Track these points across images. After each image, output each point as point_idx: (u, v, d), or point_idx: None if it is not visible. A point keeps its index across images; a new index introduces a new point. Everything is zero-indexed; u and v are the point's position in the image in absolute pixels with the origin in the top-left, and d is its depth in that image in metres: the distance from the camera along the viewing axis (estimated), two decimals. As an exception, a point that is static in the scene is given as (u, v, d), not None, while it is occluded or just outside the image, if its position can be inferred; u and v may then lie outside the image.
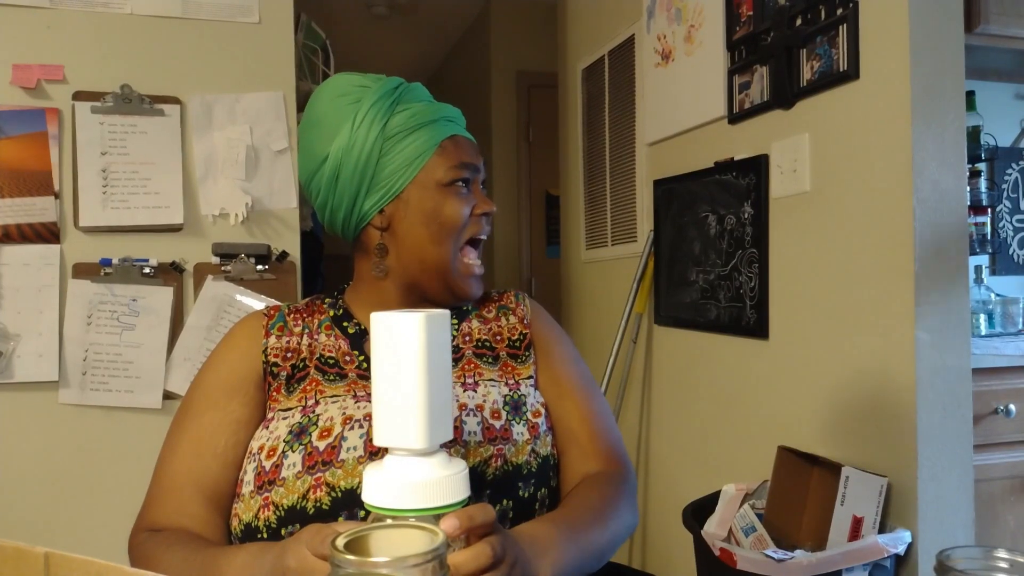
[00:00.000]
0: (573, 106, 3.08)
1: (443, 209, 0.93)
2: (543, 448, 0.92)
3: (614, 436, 1.00)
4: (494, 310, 1.04)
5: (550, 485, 0.91)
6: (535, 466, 0.89)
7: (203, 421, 0.91)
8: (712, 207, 2.08)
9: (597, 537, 0.84)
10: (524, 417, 0.92)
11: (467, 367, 0.96)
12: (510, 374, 0.97)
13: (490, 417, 0.90)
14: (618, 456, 0.98)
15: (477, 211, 0.96)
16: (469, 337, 0.99)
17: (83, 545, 1.91)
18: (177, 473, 0.89)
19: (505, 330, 1.01)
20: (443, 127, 0.95)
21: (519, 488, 0.88)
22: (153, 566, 0.79)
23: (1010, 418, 1.61)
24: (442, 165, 0.93)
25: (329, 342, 0.95)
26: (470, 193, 0.96)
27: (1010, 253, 2.26)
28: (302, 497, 0.81)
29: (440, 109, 0.96)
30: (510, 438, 0.89)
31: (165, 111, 1.98)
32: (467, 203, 0.95)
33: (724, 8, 2.00)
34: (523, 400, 0.94)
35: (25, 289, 1.89)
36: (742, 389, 1.99)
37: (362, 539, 0.48)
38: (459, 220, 0.94)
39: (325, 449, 0.83)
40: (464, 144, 0.97)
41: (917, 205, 1.47)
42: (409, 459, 0.58)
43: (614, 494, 0.91)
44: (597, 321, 2.87)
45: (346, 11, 4.15)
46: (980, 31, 1.66)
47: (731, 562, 1.45)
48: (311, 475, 0.82)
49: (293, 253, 2.08)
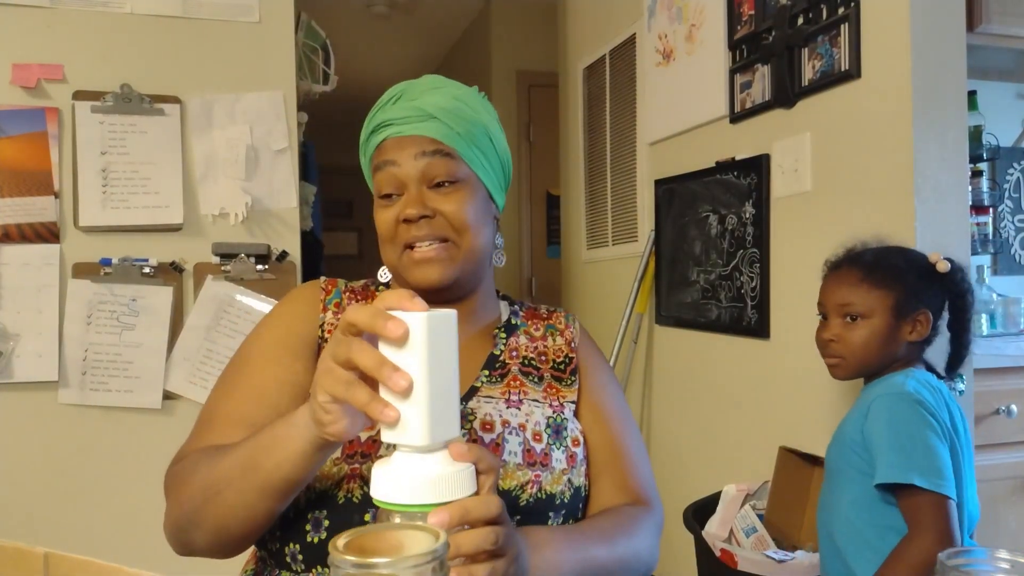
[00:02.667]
0: (574, 106, 3.07)
1: (376, 223, 0.92)
2: (577, 478, 0.89)
3: (645, 471, 0.97)
4: (542, 328, 1.01)
5: (577, 517, 0.89)
6: (568, 496, 0.87)
7: (267, 374, 0.87)
8: (713, 207, 2.08)
9: (600, 554, 0.82)
10: (564, 444, 0.90)
11: (512, 383, 0.93)
12: (554, 395, 0.94)
13: (531, 439, 0.88)
14: (647, 491, 0.95)
15: (400, 217, 0.89)
16: (516, 353, 0.96)
17: (83, 545, 1.91)
18: (232, 412, 0.85)
19: (551, 351, 0.98)
20: (377, 135, 0.91)
21: (550, 518, 0.85)
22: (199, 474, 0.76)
23: (1011, 418, 1.60)
24: (373, 175, 0.92)
25: None
26: (399, 199, 0.90)
27: (1012, 253, 2.25)
28: (335, 485, 0.80)
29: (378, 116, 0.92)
30: (548, 464, 0.87)
31: (165, 111, 1.98)
32: (392, 209, 0.90)
33: (725, 7, 1.99)
34: (564, 425, 0.91)
35: (25, 289, 1.89)
36: (743, 389, 1.99)
37: (362, 539, 0.48)
38: (383, 230, 0.90)
39: (367, 441, 0.82)
40: (387, 146, 0.90)
41: (918, 205, 1.47)
42: (414, 456, 0.59)
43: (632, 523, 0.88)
44: (598, 321, 2.87)
45: (346, 11, 4.15)
46: (981, 31, 1.66)
47: (732, 563, 1.45)
48: (348, 464, 0.81)
49: (293, 253, 2.07)
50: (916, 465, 1.14)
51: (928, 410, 1.18)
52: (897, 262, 1.30)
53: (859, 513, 1.22)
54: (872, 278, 1.28)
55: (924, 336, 1.27)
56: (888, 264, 1.29)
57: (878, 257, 1.31)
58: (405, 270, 0.90)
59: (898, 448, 1.16)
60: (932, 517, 1.12)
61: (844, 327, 1.29)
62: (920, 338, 1.27)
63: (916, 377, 1.24)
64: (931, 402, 1.19)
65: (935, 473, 1.13)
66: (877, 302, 1.27)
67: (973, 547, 1.16)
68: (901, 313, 1.27)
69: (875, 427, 1.20)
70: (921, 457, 1.14)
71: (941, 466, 1.14)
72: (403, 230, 0.89)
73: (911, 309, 1.27)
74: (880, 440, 1.18)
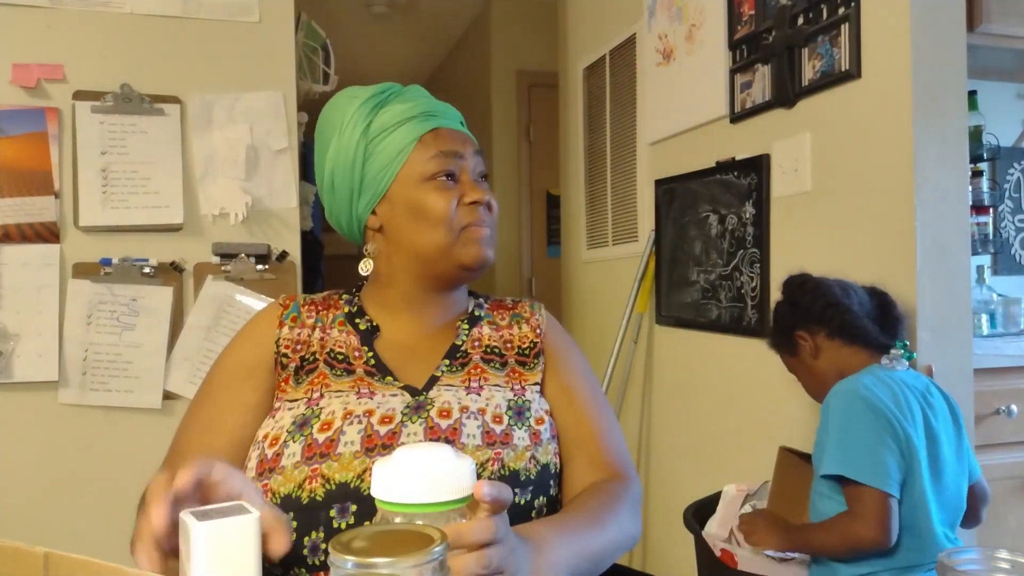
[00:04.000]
0: (574, 106, 3.07)
1: (426, 203, 0.93)
2: (544, 456, 0.91)
3: (620, 446, 1.00)
4: (507, 317, 1.03)
5: (549, 494, 0.90)
6: (534, 473, 0.88)
7: (217, 400, 0.93)
8: (713, 207, 2.08)
9: (593, 541, 0.83)
10: (527, 423, 0.92)
11: (473, 371, 0.95)
12: (516, 379, 0.97)
13: (491, 421, 0.89)
14: (623, 466, 0.97)
15: (466, 200, 0.93)
16: (479, 343, 0.99)
17: (83, 545, 1.91)
18: (186, 449, 0.91)
19: (516, 338, 1.01)
20: (423, 122, 0.94)
21: (516, 494, 0.86)
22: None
23: (1012, 418, 1.60)
24: (421, 159, 0.93)
25: (341, 337, 0.96)
26: (457, 184, 0.94)
27: (1012, 253, 2.25)
28: (298, 487, 0.82)
29: (422, 105, 0.95)
30: (510, 443, 0.88)
31: (165, 110, 1.98)
32: (453, 194, 0.93)
33: (725, 7, 1.99)
34: (527, 406, 0.93)
35: (25, 289, 1.89)
36: (743, 389, 1.99)
37: (362, 539, 0.47)
38: (444, 212, 0.92)
39: (324, 442, 0.84)
40: (446, 134, 0.95)
41: (919, 205, 1.47)
42: (415, 452, 0.58)
43: (614, 502, 0.90)
44: (598, 321, 2.87)
45: (346, 10, 4.15)
46: (982, 30, 1.66)
47: (732, 563, 1.45)
48: (308, 466, 0.82)
49: (293, 253, 2.08)
50: (855, 461, 1.22)
51: (874, 406, 1.24)
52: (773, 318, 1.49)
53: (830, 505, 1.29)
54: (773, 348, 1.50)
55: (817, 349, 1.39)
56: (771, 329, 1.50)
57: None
58: (462, 247, 0.94)
59: (841, 444, 1.25)
60: (870, 507, 1.20)
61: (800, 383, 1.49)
62: (814, 353, 1.40)
63: (874, 373, 1.31)
64: (883, 396, 1.25)
65: (874, 470, 1.20)
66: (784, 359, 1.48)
67: (973, 547, 1.17)
68: (788, 350, 1.45)
69: (826, 422, 1.29)
70: (860, 453, 1.22)
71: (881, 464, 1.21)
72: (465, 212, 0.94)
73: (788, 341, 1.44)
74: (827, 435, 1.28)
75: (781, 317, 1.46)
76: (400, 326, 0.98)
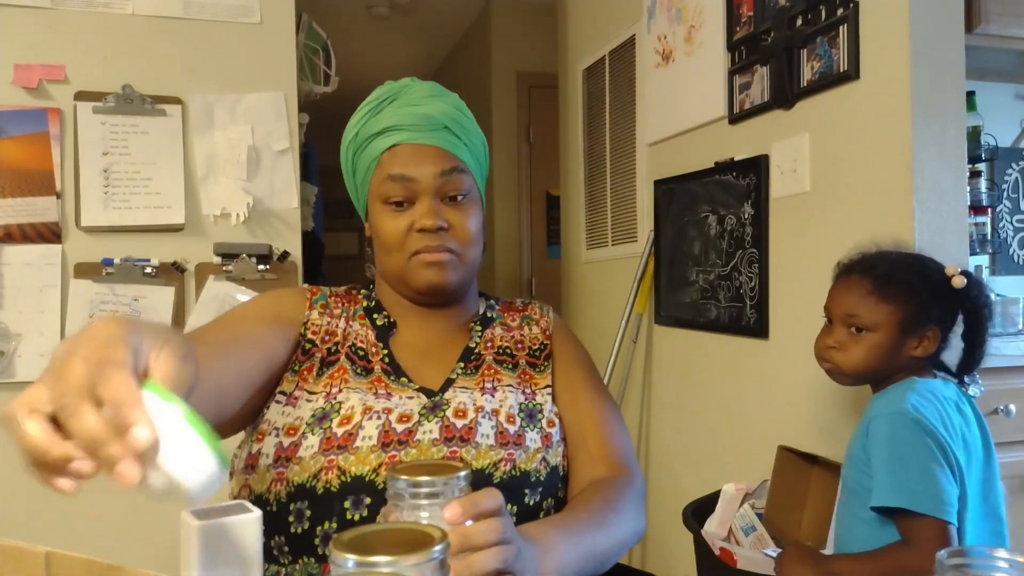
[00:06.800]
0: (573, 106, 3.08)
1: (379, 227, 0.94)
2: (554, 458, 0.92)
3: (623, 443, 1.00)
4: (518, 319, 1.05)
5: (557, 496, 0.91)
6: (544, 475, 0.89)
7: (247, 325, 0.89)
8: (712, 207, 2.09)
9: (599, 541, 0.83)
10: (538, 425, 0.93)
11: (487, 372, 0.96)
12: (527, 382, 0.98)
13: (505, 421, 0.90)
14: (626, 462, 0.98)
15: (416, 226, 0.91)
16: (492, 343, 1.00)
17: (83, 545, 1.91)
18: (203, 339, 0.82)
19: (527, 339, 1.02)
20: (385, 138, 0.92)
21: (526, 495, 0.87)
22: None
23: (1010, 418, 1.60)
24: (378, 179, 0.93)
25: (361, 331, 0.97)
26: (412, 207, 0.92)
27: (1010, 253, 2.25)
28: (313, 476, 0.82)
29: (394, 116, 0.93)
30: (522, 444, 0.89)
31: (166, 111, 1.99)
32: (404, 219, 0.92)
33: (724, 8, 2.00)
34: (538, 409, 0.94)
35: (27, 289, 1.89)
36: (742, 389, 1.99)
37: (363, 539, 0.48)
38: (392, 237, 0.92)
39: (343, 435, 0.85)
40: (404, 154, 0.92)
41: (917, 205, 1.47)
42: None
43: (618, 499, 0.90)
44: (597, 321, 2.87)
45: (347, 11, 4.15)
46: (980, 31, 1.66)
47: (731, 562, 1.45)
48: (325, 457, 0.83)
49: (294, 253, 2.08)
50: (912, 489, 1.11)
51: (927, 429, 1.14)
52: (910, 276, 1.24)
53: (871, 531, 1.18)
54: (882, 291, 1.22)
55: (930, 352, 1.23)
56: (900, 278, 1.23)
57: (891, 269, 1.26)
58: (412, 272, 0.93)
59: (893, 472, 1.13)
60: (931, 539, 1.09)
61: (848, 337, 1.25)
62: (926, 354, 1.23)
63: (918, 389, 1.19)
64: (932, 417, 1.15)
65: (933, 498, 1.10)
66: (885, 317, 1.21)
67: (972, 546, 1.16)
68: (908, 329, 1.22)
69: (874, 448, 1.17)
70: (918, 482, 1.11)
71: (939, 491, 1.10)
72: (415, 239, 0.91)
73: (919, 326, 1.22)
74: (878, 462, 1.16)
75: (936, 303, 1.23)
76: (414, 326, 0.99)
